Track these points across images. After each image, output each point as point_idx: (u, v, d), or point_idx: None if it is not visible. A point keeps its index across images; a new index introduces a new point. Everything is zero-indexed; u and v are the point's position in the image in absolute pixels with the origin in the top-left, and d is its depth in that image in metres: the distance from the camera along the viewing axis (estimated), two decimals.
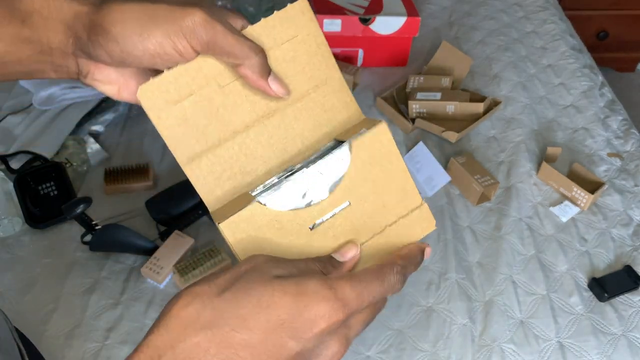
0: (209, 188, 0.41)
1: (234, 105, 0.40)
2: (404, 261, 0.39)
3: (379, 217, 0.41)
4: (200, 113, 0.40)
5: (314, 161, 0.41)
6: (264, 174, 0.41)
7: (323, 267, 0.37)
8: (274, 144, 0.41)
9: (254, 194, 0.40)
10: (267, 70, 0.39)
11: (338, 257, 0.39)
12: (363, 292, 0.35)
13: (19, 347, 0.48)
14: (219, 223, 0.39)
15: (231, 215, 0.38)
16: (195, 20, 0.36)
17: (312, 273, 0.36)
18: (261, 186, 0.41)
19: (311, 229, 0.40)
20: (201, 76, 0.39)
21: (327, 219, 0.40)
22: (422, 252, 0.41)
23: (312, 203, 0.40)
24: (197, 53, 0.38)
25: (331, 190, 0.40)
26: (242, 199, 0.40)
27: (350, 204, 0.41)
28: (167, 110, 0.39)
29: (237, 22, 0.40)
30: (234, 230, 0.38)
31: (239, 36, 0.37)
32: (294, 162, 0.42)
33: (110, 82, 0.42)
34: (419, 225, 0.43)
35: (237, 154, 0.41)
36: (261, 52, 0.39)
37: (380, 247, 0.42)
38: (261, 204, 0.39)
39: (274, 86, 0.40)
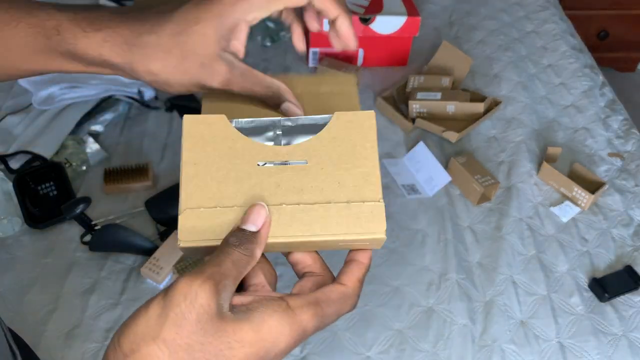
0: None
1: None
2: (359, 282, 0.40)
3: (329, 190, 0.39)
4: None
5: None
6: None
7: (239, 243, 0.36)
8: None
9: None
10: (276, 103, 0.45)
11: (250, 227, 0.37)
12: (322, 320, 0.36)
13: (12, 349, 0.48)
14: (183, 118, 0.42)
15: (199, 118, 0.42)
16: (217, 85, 0.44)
17: (268, 302, 0.34)
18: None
19: (259, 165, 0.40)
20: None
21: (277, 164, 0.40)
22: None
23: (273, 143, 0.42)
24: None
25: (295, 143, 0.41)
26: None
27: (307, 163, 0.40)
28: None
29: (345, 35, 0.46)
30: (191, 123, 0.41)
31: (250, 84, 0.44)
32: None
33: None
34: (366, 221, 0.39)
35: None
36: (265, 89, 0.45)
37: (317, 218, 0.39)
38: (230, 121, 0.42)
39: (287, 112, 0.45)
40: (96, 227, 1.00)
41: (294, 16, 0.48)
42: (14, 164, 1.12)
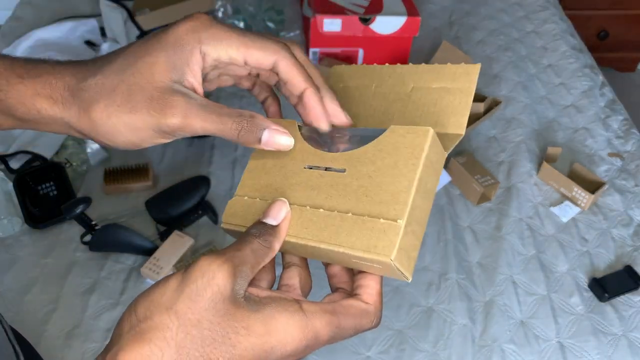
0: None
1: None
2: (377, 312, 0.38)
3: (353, 201, 0.38)
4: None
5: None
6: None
7: (259, 234, 0.36)
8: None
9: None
10: (252, 139, 0.38)
11: (271, 221, 0.38)
12: (337, 332, 0.35)
13: (14, 348, 0.48)
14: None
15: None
16: (171, 125, 0.37)
17: (281, 300, 0.34)
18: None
19: (305, 168, 0.41)
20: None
21: (320, 169, 0.40)
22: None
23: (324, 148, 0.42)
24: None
25: (342, 151, 0.41)
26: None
27: (345, 171, 0.40)
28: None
29: (311, 109, 0.41)
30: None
31: (219, 120, 0.37)
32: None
33: None
34: (375, 240, 0.35)
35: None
36: (240, 126, 0.38)
37: (330, 225, 0.38)
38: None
39: (268, 146, 0.39)
40: (96, 227, 1.00)
41: (267, 91, 0.44)
42: (14, 164, 1.12)
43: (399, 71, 0.45)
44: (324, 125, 0.41)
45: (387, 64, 0.46)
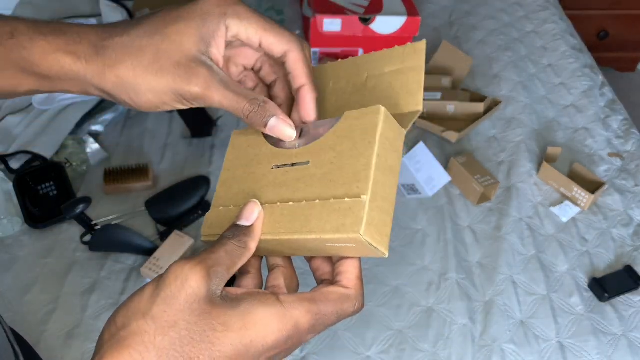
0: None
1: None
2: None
3: (319, 189, 0.39)
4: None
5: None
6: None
7: (233, 236, 0.37)
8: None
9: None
10: (259, 122, 0.40)
11: (244, 222, 0.39)
12: (318, 319, 0.35)
13: (14, 348, 0.48)
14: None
15: (242, 131, 0.46)
16: (193, 93, 0.38)
17: (258, 294, 0.35)
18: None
19: (273, 168, 0.42)
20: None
21: (287, 167, 0.42)
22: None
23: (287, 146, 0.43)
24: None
25: (304, 145, 0.42)
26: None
27: (309, 163, 0.40)
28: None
29: (305, 105, 0.42)
30: (236, 136, 0.46)
31: (235, 98, 0.39)
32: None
33: None
34: (342, 218, 0.36)
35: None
36: (251, 108, 0.40)
37: (300, 215, 0.38)
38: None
39: (273, 132, 0.41)
40: (96, 227, 1.00)
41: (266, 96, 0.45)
42: (14, 164, 1.12)
43: (351, 63, 0.47)
44: (309, 119, 0.43)
45: (339, 60, 0.47)
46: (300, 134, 0.43)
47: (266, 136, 0.44)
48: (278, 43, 0.40)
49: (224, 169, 0.46)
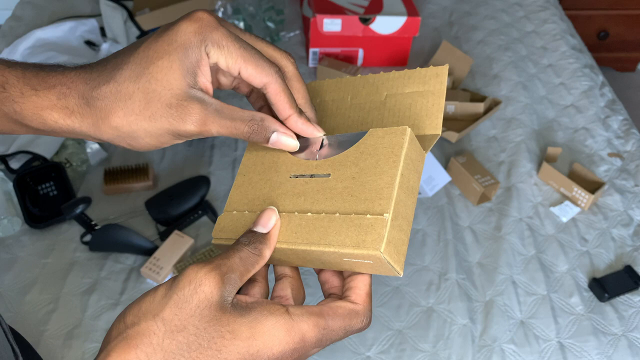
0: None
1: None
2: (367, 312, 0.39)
3: (340, 202, 0.39)
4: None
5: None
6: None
7: (248, 242, 0.37)
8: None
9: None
10: (262, 139, 0.40)
11: (260, 229, 0.39)
12: (325, 333, 0.35)
13: (13, 348, 0.48)
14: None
15: None
16: (189, 130, 0.38)
17: (267, 304, 0.35)
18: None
19: (291, 177, 0.42)
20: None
21: (305, 177, 0.42)
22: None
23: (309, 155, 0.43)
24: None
25: (325, 157, 0.42)
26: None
27: (330, 176, 0.41)
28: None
29: (296, 128, 0.42)
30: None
31: (233, 121, 0.39)
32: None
33: None
34: (363, 234, 0.36)
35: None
36: (251, 129, 0.39)
37: (318, 227, 0.38)
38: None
39: (277, 146, 0.41)
40: (96, 227, 1.00)
41: (263, 100, 0.45)
42: (14, 164, 1.12)
43: (371, 81, 0.47)
44: (315, 136, 0.43)
45: (359, 75, 0.48)
46: (321, 146, 0.43)
47: None
48: (257, 75, 0.39)
49: (240, 173, 0.46)
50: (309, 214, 0.39)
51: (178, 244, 0.99)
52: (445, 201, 1.12)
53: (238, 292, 0.35)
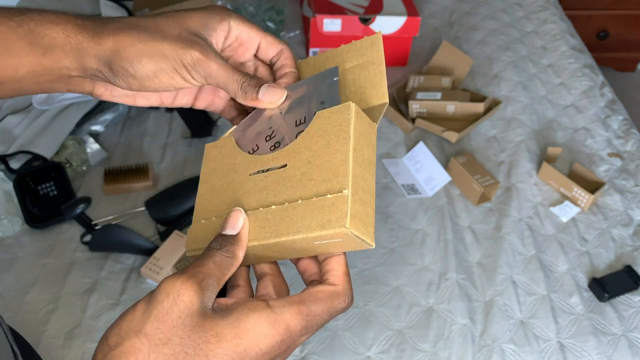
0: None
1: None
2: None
3: (300, 189, 0.39)
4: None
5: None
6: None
7: (220, 246, 0.37)
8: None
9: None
10: (252, 92, 0.43)
11: (230, 231, 0.39)
12: (309, 319, 0.35)
13: (13, 348, 0.48)
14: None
15: (214, 143, 0.47)
16: (193, 56, 0.41)
17: (247, 302, 0.35)
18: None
19: (250, 175, 0.43)
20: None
21: (264, 172, 0.42)
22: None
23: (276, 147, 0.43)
24: (199, 82, 0.43)
25: (279, 146, 0.43)
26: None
27: (287, 165, 0.41)
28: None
29: (289, 79, 0.46)
30: (208, 149, 0.47)
31: (229, 71, 0.42)
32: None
33: (127, 95, 0.46)
34: (327, 215, 0.36)
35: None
36: (244, 79, 0.43)
37: (284, 217, 0.39)
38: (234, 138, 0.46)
39: (264, 99, 0.43)
40: (96, 227, 1.00)
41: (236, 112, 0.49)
42: (14, 164, 1.12)
43: (312, 63, 0.48)
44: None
45: (299, 60, 0.49)
46: (277, 140, 0.44)
47: (240, 144, 0.45)
48: (275, 43, 0.46)
49: (201, 182, 0.46)
50: (273, 206, 0.39)
51: (178, 244, 0.99)
52: (445, 201, 1.12)
53: (221, 298, 0.35)
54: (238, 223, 0.39)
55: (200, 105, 0.49)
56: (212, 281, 0.35)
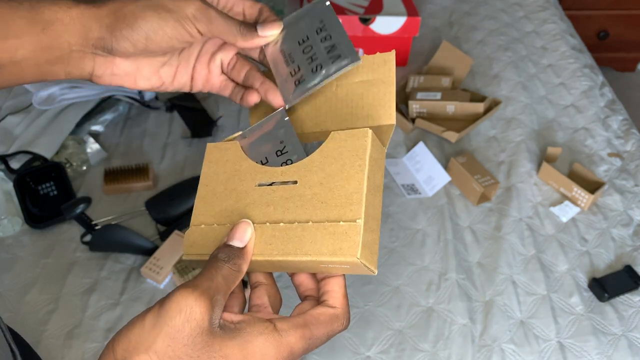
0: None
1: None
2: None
3: (311, 210, 0.39)
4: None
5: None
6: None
7: (228, 258, 0.37)
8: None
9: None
10: (251, 31, 0.45)
11: (237, 243, 0.39)
12: (310, 342, 0.36)
13: (11, 348, 0.48)
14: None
15: (218, 145, 0.46)
16: (194, 7, 0.43)
17: (255, 323, 0.35)
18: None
19: (257, 186, 0.42)
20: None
21: (271, 185, 0.42)
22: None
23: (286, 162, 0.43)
24: (202, 35, 0.44)
25: (290, 163, 0.42)
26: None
27: (297, 183, 0.40)
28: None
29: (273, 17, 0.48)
30: (210, 149, 0.46)
31: (227, 17, 0.44)
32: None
33: (127, 74, 0.46)
34: (339, 242, 0.37)
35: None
36: (241, 22, 0.44)
37: (293, 237, 0.39)
38: (243, 138, 0.45)
39: (264, 33, 0.45)
40: (96, 227, 1.00)
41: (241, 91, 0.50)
42: (15, 164, 1.12)
43: None
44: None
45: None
46: (286, 151, 0.44)
47: (247, 152, 0.44)
48: (254, 4, 0.48)
49: (201, 184, 0.45)
50: (281, 224, 0.39)
51: (178, 244, 0.99)
52: (445, 201, 1.12)
53: (226, 313, 0.36)
54: (246, 236, 0.39)
55: (197, 84, 0.49)
56: (220, 296, 0.35)
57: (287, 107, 0.45)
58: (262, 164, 0.43)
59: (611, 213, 1.11)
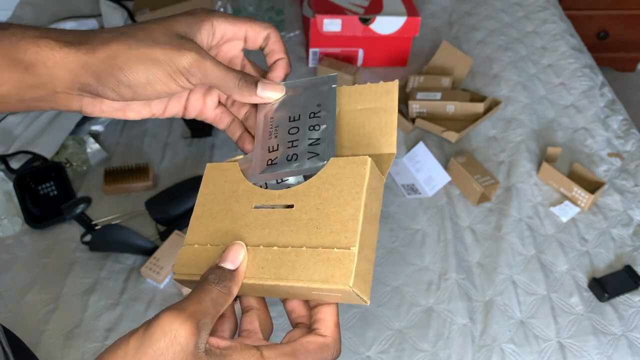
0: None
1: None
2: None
3: (305, 235, 0.39)
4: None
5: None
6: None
7: (218, 280, 0.36)
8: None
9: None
10: (250, 88, 0.43)
11: (229, 265, 0.38)
12: None
13: (4, 349, 0.48)
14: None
15: (217, 165, 0.46)
16: (189, 58, 0.40)
17: (242, 350, 0.34)
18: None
19: (253, 208, 0.42)
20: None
21: (268, 208, 0.41)
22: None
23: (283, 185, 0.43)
24: (195, 85, 0.42)
25: (287, 187, 0.42)
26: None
27: (293, 207, 0.40)
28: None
29: (280, 71, 0.46)
30: (210, 169, 0.46)
31: (225, 70, 0.42)
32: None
33: (117, 110, 0.45)
34: (332, 269, 0.36)
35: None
36: (240, 76, 0.43)
37: (286, 262, 0.38)
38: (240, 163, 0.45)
39: (264, 94, 0.44)
40: (96, 227, 1.00)
41: (240, 129, 0.48)
42: (15, 164, 1.12)
43: None
44: (277, 80, 0.47)
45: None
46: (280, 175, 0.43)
47: (247, 176, 0.44)
48: (261, 29, 0.45)
49: (198, 204, 0.45)
50: (275, 247, 0.39)
51: (178, 244, 0.99)
52: (445, 201, 1.12)
53: (213, 338, 0.35)
54: (238, 258, 0.38)
55: (190, 114, 0.47)
56: (208, 320, 0.34)
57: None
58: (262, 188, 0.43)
59: (611, 213, 1.11)
